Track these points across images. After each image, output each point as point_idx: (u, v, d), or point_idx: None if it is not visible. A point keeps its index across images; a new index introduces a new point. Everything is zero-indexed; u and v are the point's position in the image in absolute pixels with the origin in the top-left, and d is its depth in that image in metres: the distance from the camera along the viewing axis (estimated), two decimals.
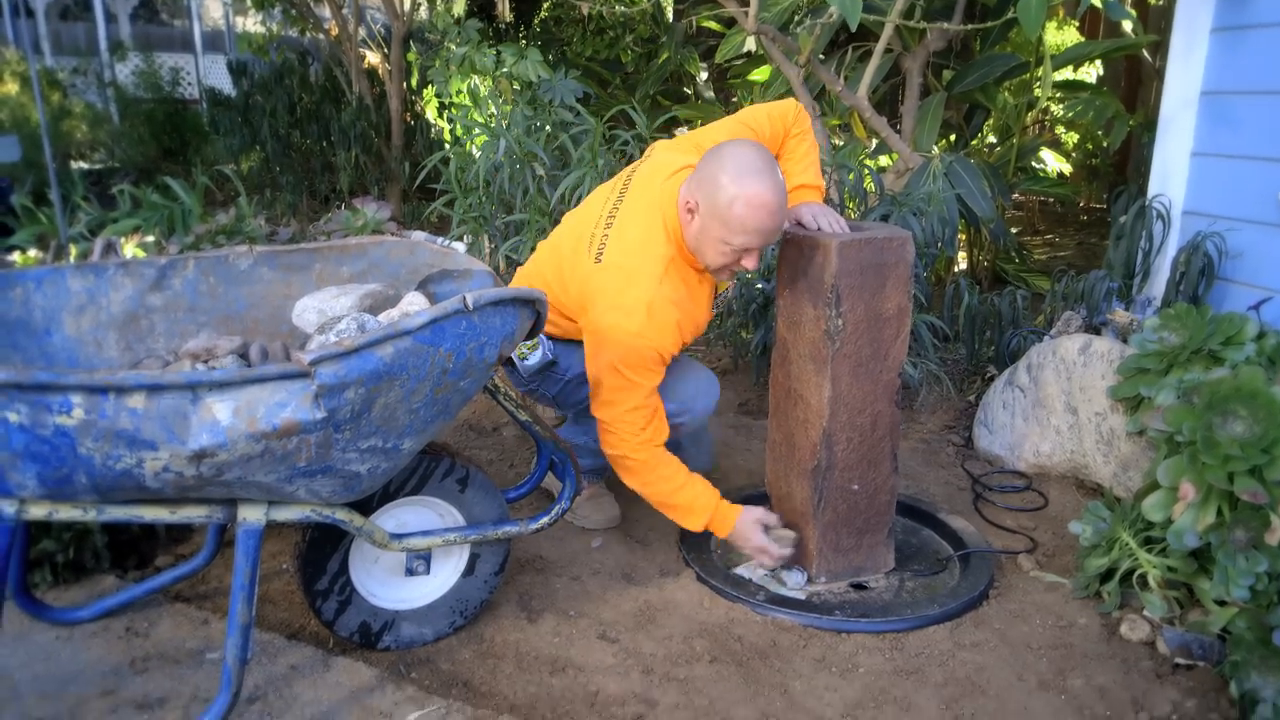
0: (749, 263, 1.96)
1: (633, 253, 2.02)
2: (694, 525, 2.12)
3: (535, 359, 2.23)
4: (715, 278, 2.10)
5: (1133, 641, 1.94)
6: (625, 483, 2.13)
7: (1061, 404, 2.62)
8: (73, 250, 3.47)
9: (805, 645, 1.92)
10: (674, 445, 2.51)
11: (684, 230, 2.00)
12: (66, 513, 1.45)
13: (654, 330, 1.99)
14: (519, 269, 2.43)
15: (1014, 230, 5.24)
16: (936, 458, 2.86)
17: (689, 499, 2.10)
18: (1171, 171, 2.94)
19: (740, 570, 2.18)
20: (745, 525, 2.11)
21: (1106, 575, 2.07)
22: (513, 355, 2.25)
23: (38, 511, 1.44)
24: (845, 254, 1.92)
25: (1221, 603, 1.89)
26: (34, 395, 1.29)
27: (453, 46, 4.51)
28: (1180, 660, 1.85)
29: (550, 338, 2.24)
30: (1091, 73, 5.95)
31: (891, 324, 2.01)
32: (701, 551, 2.24)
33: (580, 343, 2.26)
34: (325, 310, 1.82)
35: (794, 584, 2.13)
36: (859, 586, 2.15)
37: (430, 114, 6.08)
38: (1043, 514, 2.51)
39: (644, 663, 1.86)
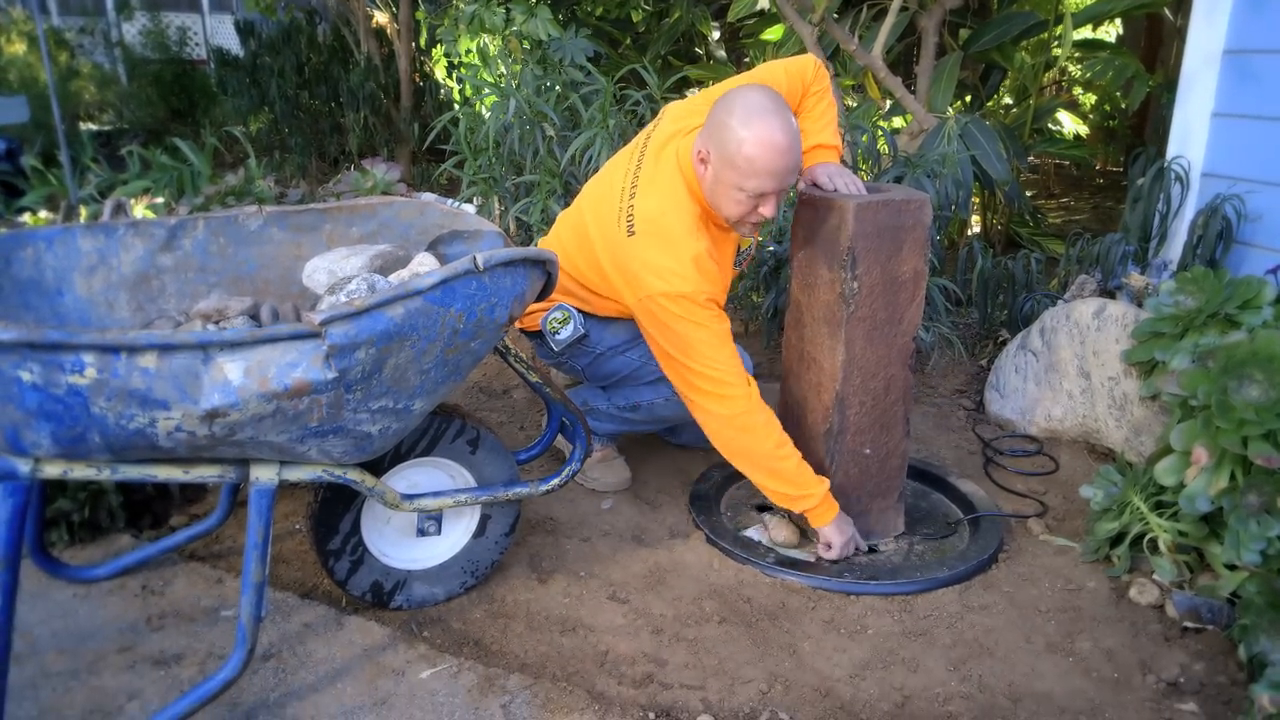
0: (766, 210, 1.92)
1: (663, 216, 1.98)
2: (801, 499, 2.02)
3: (567, 333, 2.23)
4: (736, 231, 2.05)
5: (1141, 605, 1.94)
6: (735, 460, 2.04)
7: (1074, 368, 2.60)
8: (83, 211, 3.47)
9: (814, 607, 1.93)
10: None
11: (700, 183, 1.98)
12: (81, 471, 1.46)
13: (707, 282, 1.95)
14: (540, 241, 2.42)
15: (1029, 193, 5.18)
16: (948, 421, 2.85)
17: (797, 467, 2.00)
18: (1191, 133, 2.89)
19: (749, 532, 2.19)
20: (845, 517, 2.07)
21: (1116, 539, 2.07)
22: (544, 329, 2.25)
23: (52, 470, 1.44)
24: (862, 216, 1.90)
25: (1232, 567, 1.89)
26: (47, 354, 1.29)
27: (462, 5, 4.45)
28: (1189, 624, 1.85)
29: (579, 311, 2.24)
30: (1111, 32, 5.84)
31: (907, 287, 2.00)
32: (711, 514, 2.24)
33: (609, 318, 2.26)
34: (335, 270, 1.82)
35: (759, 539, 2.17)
36: (869, 549, 2.15)
37: (439, 74, 6.02)
38: (1053, 478, 2.50)
39: (654, 623, 1.88)
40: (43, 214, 3.66)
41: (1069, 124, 5.27)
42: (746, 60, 5.33)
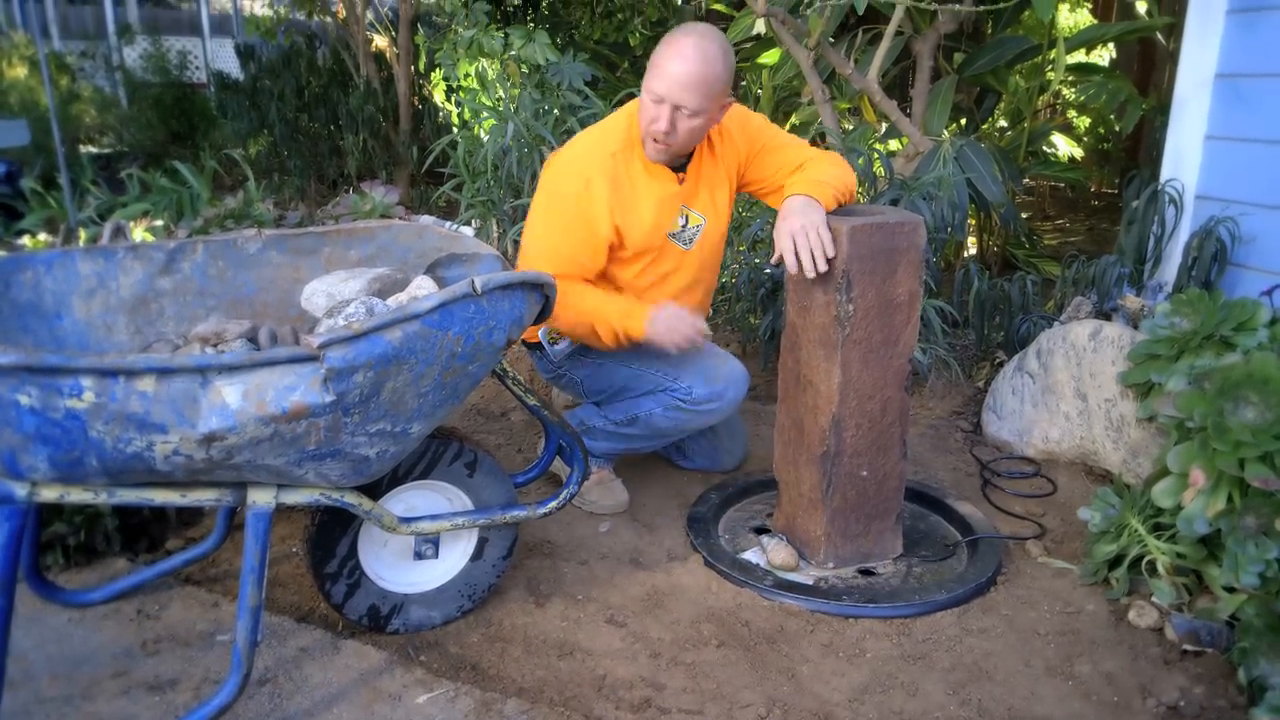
0: (661, 122, 2.03)
1: (589, 133, 2.24)
2: (619, 327, 2.15)
3: (564, 344, 2.26)
4: (646, 150, 2.15)
5: (1141, 628, 1.94)
6: (558, 320, 2.17)
7: (1071, 390, 2.61)
8: (82, 234, 3.47)
9: (813, 630, 1.93)
10: (710, 433, 2.53)
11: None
12: (78, 495, 1.46)
13: (576, 173, 2.14)
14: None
15: (1024, 215, 5.20)
16: (945, 443, 2.85)
17: (600, 303, 2.17)
18: (1185, 155, 2.92)
19: (747, 555, 2.18)
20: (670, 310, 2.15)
21: (1115, 561, 2.07)
22: (542, 340, 2.27)
23: (49, 494, 1.44)
24: (856, 238, 1.91)
25: (1231, 589, 1.88)
26: (45, 378, 1.29)
27: (460, 29, 4.49)
28: (1188, 647, 1.85)
29: None
30: (1104, 56, 5.90)
31: (902, 309, 2.00)
32: (709, 536, 2.24)
33: None
34: (334, 294, 1.82)
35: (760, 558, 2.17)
36: (867, 572, 2.15)
37: (438, 97, 6.06)
38: (1051, 500, 2.50)
39: (652, 647, 1.87)
40: (42, 236, 3.67)
41: (1064, 147, 5.31)
42: (743, 83, 5.37)
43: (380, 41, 6.40)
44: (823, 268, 1.91)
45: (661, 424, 2.30)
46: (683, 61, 1.99)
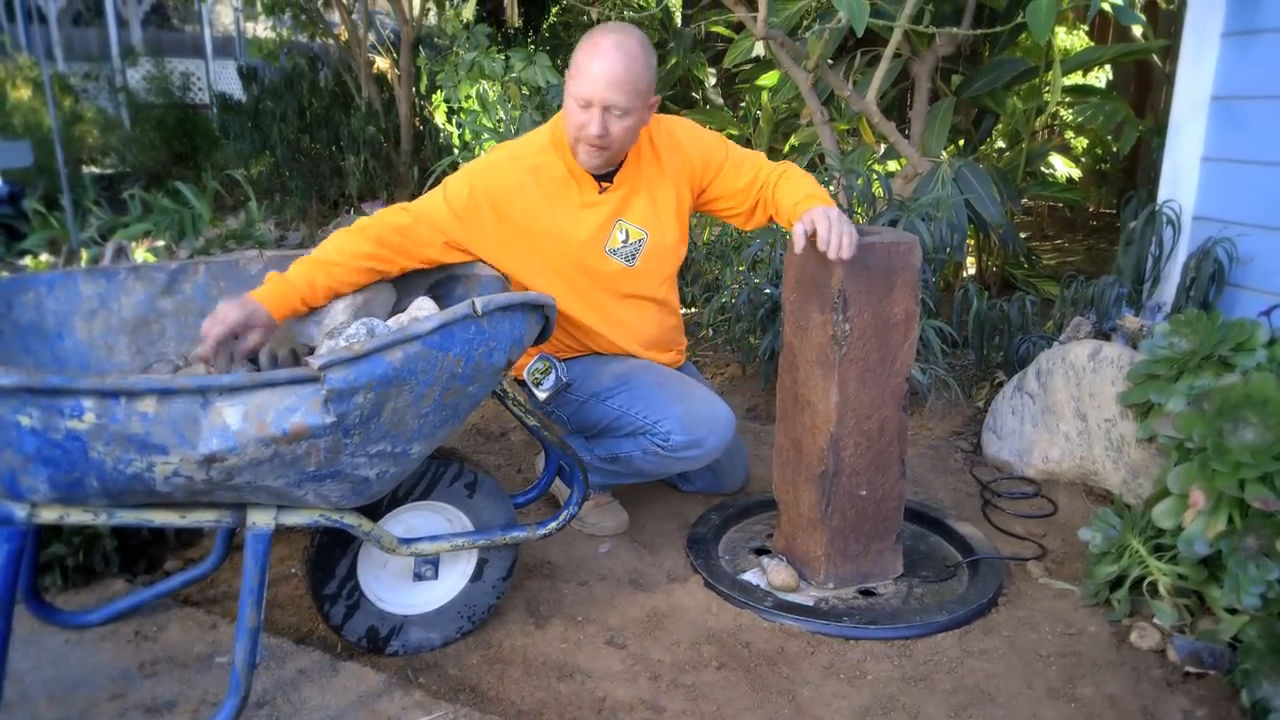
0: (593, 127, 1.99)
1: (517, 139, 2.21)
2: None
3: (549, 383, 2.22)
4: (577, 156, 2.09)
5: (1143, 649, 1.93)
6: None
7: (1071, 410, 2.61)
8: (84, 255, 3.49)
9: (813, 652, 1.92)
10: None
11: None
12: (77, 516, 1.46)
13: (487, 164, 2.12)
14: None
15: (1023, 235, 5.22)
16: (945, 463, 2.85)
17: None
18: (1182, 176, 2.93)
19: (748, 576, 2.18)
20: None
21: (1116, 582, 2.06)
22: (527, 382, 2.25)
23: (49, 515, 1.44)
24: (852, 259, 1.92)
25: (1232, 610, 1.88)
26: (46, 399, 1.30)
27: (461, 51, 4.52)
28: (1190, 668, 1.84)
29: (560, 358, 2.24)
30: (1101, 78, 5.93)
31: (899, 329, 2.01)
32: (709, 557, 2.24)
33: (588, 358, 2.27)
34: (323, 321, 1.83)
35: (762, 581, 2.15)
36: (867, 593, 2.14)
37: (439, 119, 6.10)
38: (1052, 520, 2.50)
39: (651, 669, 1.86)
40: (44, 257, 3.69)
41: (1062, 167, 5.33)
42: (743, 105, 5.40)
43: (382, 63, 6.44)
44: (848, 254, 1.87)
45: (642, 466, 2.26)
46: (606, 61, 1.96)
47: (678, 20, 6.67)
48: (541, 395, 2.22)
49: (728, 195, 2.25)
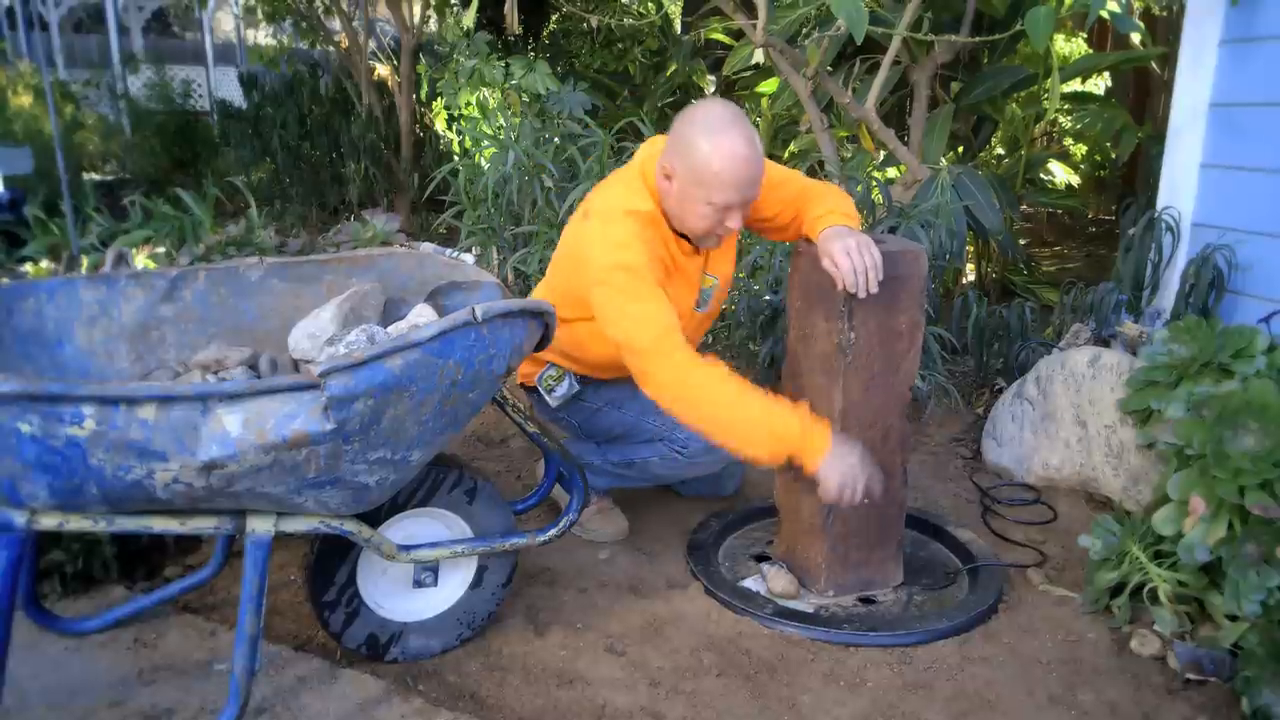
0: (732, 223, 1.94)
1: (617, 200, 2.00)
2: (783, 443, 1.81)
3: (562, 390, 2.23)
4: (702, 244, 2.05)
5: (1143, 656, 1.93)
6: (684, 418, 1.88)
7: (1070, 417, 2.61)
8: (84, 261, 3.49)
9: (813, 659, 1.92)
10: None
11: (664, 199, 1.98)
12: (77, 523, 1.46)
13: (642, 245, 1.92)
14: (534, 289, 2.43)
15: (1022, 242, 5.23)
16: (945, 470, 2.85)
17: (762, 411, 1.82)
18: (1180, 183, 2.93)
19: (748, 583, 2.18)
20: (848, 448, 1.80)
21: (1116, 589, 2.06)
22: (539, 387, 2.26)
23: (48, 522, 1.44)
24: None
25: (1233, 617, 1.87)
26: (46, 406, 1.30)
27: (462, 59, 4.54)
28: (1191, 675, 1.84)
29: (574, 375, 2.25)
30: (1100, 85, 5.94)
31: (904, 338, 2.01)
32: (709, 564, 2.23)
33: (601, 378, 2.27)
34: (315, 333, 1.83)
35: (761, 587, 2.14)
36: (867, 600, 2.14)
37: (439, 126, 6.11)
38: (1052, 527, 2.50)
39: (651, 676, 1.86)
40: (44, 263, 3.69)
41: (1061, 174, 5.34)
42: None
43: (382, 70, 6.46)
44: (875, 289, 1.85)
45: (658, 471, 2.28)
46: (748, 164, 1.87)
47: (677, 27, 6.69)
48: (553, 403, 2.22)
49: (770, 216, 2.19)
